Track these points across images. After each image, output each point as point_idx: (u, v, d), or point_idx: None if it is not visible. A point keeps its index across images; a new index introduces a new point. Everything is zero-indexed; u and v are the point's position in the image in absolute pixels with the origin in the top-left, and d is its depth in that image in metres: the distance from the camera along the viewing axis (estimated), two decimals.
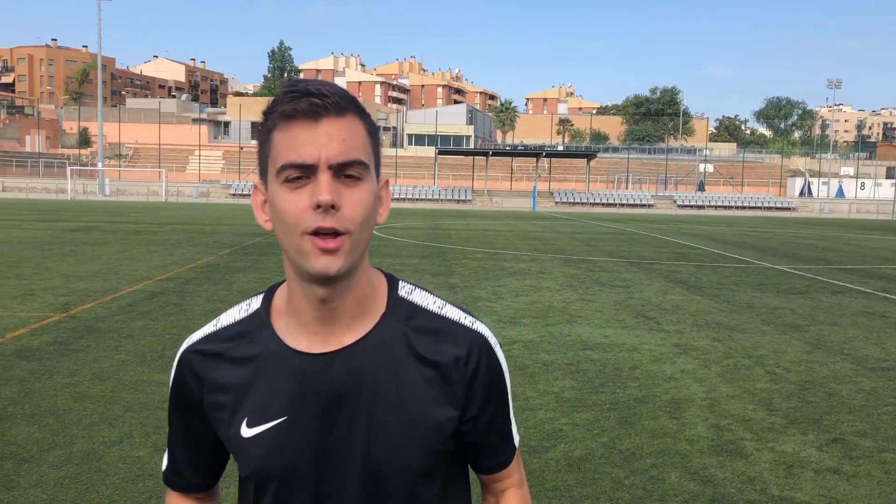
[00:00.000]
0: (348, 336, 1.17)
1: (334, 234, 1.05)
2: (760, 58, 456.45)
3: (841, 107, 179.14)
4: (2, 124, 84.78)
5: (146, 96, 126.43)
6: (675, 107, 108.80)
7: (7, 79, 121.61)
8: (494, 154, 68.34)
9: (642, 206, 62.64)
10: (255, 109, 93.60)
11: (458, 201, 60.19)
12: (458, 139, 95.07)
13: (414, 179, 75.61)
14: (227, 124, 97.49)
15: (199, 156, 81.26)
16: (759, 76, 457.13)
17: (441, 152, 65.01)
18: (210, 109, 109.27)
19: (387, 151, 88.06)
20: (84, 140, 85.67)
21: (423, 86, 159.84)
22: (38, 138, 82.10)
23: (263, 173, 1.12)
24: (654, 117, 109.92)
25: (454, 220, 35.82)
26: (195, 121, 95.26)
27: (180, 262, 15.20)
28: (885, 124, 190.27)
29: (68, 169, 59.78)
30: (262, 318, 1.21)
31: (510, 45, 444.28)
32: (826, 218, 53.88)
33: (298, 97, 1.05)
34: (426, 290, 1.27)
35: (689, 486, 4.62)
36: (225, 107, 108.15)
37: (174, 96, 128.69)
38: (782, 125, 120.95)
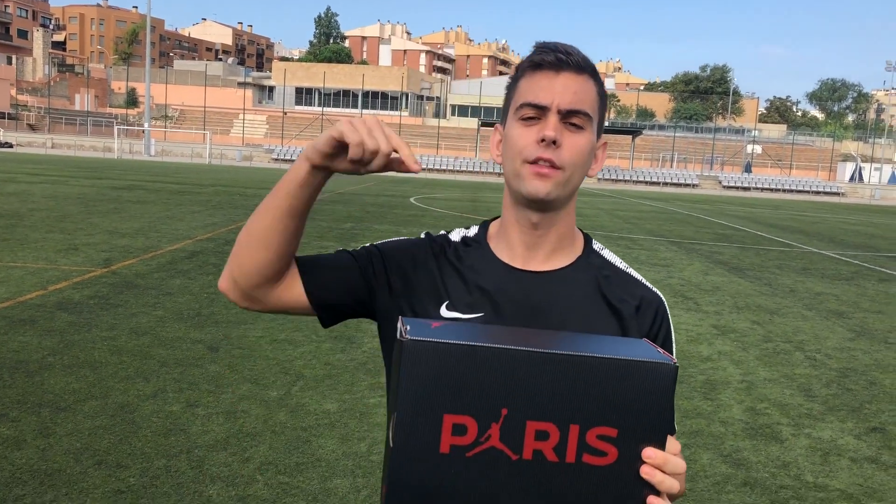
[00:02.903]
0: (547, 265, 1.33)
1: (551, 165, 1.23)
2: (816, 38, 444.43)
3: None
4: (53, 82, 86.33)
5: (193, 58, 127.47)
6: (724, 85, 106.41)
7: (59, 37, 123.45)
8: None
9: (686, 185, 61.69)
10: (299, 75, 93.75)
11: (499, 174, 59.67)
12: None
13: (455, 151, 75.29)
14: (271, 89, 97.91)
15: (244, 119, 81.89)
16: (814, 57, 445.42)
17: (484, 124, 64.53)
18: (255, 74, 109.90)
19: (429, 121, 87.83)
20: (131, 100, 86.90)
21: (468, 56, 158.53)
22: (87, 97, 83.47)
23: (504, 117, 1.33)
24: (703, 95, 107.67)
25: (493, 193, 35.68)
26: (240, 84, 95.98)
27: (221, 223, 15.36)
28: None
29: (115, 128, 60.82)
30: (479, 237, 1.42)
31: (557, 17, 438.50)
32: (877, 205, 52.52)
33: (548, 51, 1.25)
34: (612, 252, 1.45)
35: (722, 468, 4.54)
36: (270, 71, 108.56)
37: (221, 59, 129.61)
38: (835, 108, 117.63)
